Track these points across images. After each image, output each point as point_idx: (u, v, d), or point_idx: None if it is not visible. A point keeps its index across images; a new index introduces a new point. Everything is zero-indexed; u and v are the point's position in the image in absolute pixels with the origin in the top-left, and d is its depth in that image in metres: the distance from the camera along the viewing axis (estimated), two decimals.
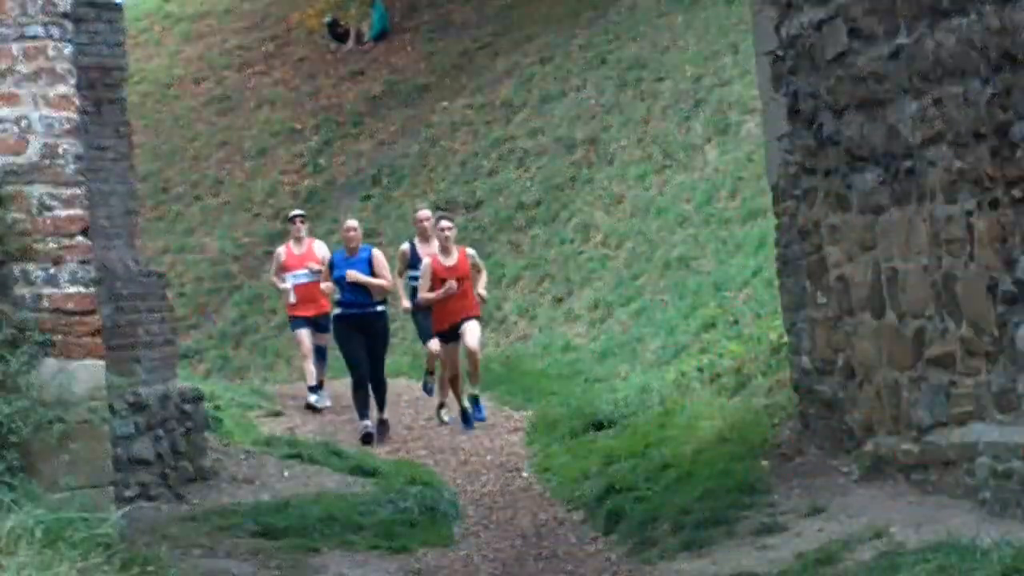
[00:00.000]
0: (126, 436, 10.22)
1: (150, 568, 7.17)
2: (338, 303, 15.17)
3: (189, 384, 12.15)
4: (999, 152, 7.54)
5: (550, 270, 20.29)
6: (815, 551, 7.93)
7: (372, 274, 14.88)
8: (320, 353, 16.66)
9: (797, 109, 9.94)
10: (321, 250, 16.64)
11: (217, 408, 13.40)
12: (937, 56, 8.03)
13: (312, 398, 16.32)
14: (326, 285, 15.27)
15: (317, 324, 16.43)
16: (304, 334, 16.48)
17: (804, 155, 9.90)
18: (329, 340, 16.36)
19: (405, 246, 16.08)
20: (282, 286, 16.80)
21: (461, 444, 14.07)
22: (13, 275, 7.56)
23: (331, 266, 15.18)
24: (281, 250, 17.15)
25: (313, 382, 16.46)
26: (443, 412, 15.32)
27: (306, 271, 16.31)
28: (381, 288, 15.02)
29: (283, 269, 16.74)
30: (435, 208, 23.51)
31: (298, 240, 16.86)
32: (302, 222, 17.10)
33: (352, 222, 15.82)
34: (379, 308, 15.06)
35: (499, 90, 25.85)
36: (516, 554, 9.73)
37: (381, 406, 14.97)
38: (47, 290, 7.61)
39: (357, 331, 14.87)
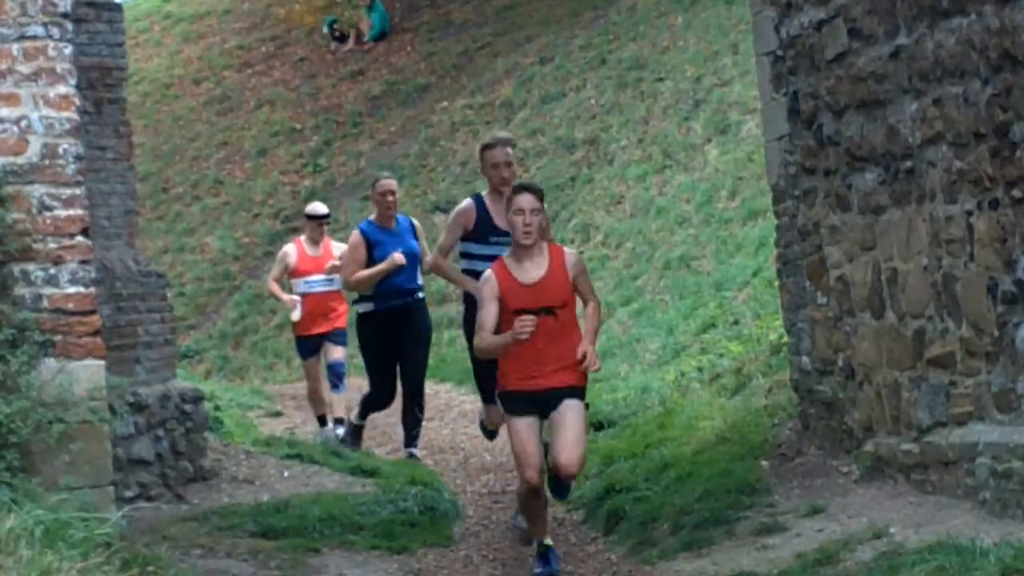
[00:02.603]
0: (126, 436, 10.21)
1: (150, 568, 7.17)
2: (371, 296, 12.10)
3: (189, 384, 12.12)
4: (999, 152, 7.53)
5: None
6: (815, 551, 7.92)
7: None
8: (337, 376, 13.59)
9: (797, 109, 9.93)
10: (340, 251, 13.24)
11: (217, 408, 13.37)
12: (937, 56, 8.02)
13: (323, 437, 13.36)
14: (365, 274, 11.90)
15: (331, 342, 13.56)
16: (314, 364, 13.68)
17: (804, 155, 9.89)
18: (345, 354, 13.70)
19: (467, 203, 10.63)
20: (285, 297, 13.65)
21: (461, 444, 14.05)
22: (13, 275, 7.56)
23: (368, 243, 12.02)
24: (290, 249, 13.89)
25: (333, 414, 13.72)
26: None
27: (323, 277, 13.44)
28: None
29: (293, 274, 13.66)
30: (435, 208, 23.62)
31: (314, 241, 13.76)
32: (326, 224, 13.97)
33: (390, 182, 12.25)
34: (420, 295, 12.31)
35: (499, 90, 25.85)
36: (516, 554, 9.72)
37: (413, 437, 12.43)
38: (47, 290, 7.60)
39: (395, 330, 12.06)
